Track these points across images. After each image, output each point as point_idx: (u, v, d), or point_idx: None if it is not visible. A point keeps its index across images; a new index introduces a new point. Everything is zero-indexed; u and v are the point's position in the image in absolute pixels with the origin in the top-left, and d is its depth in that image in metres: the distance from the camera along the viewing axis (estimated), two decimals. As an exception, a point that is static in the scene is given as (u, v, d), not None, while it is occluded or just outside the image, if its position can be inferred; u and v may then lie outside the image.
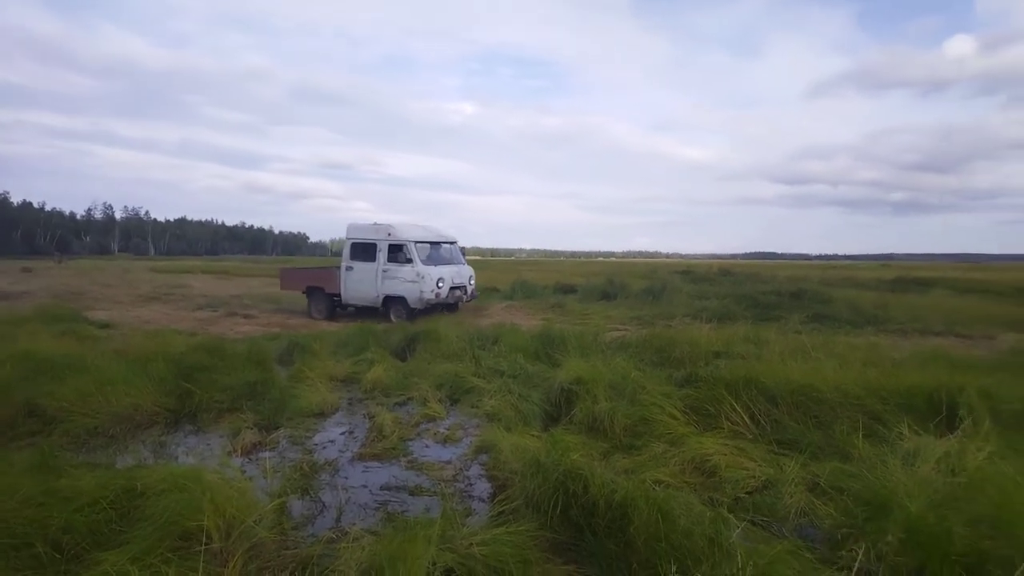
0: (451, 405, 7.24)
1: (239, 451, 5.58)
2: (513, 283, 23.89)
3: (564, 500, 3.74)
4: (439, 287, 14.82)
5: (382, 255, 15.21)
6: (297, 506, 4.45)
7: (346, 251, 15.97)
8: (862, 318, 14.68)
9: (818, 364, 7.09)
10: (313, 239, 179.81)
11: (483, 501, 4.61)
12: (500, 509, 4.10)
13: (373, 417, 6.55)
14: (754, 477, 4.62)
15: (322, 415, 6.83)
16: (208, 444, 5.85)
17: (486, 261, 75.07)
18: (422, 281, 14.64)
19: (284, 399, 6.91)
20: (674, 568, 2.90)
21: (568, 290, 23.14)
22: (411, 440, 6.02)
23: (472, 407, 6.93)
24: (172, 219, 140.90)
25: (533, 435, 5.61)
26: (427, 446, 5.90)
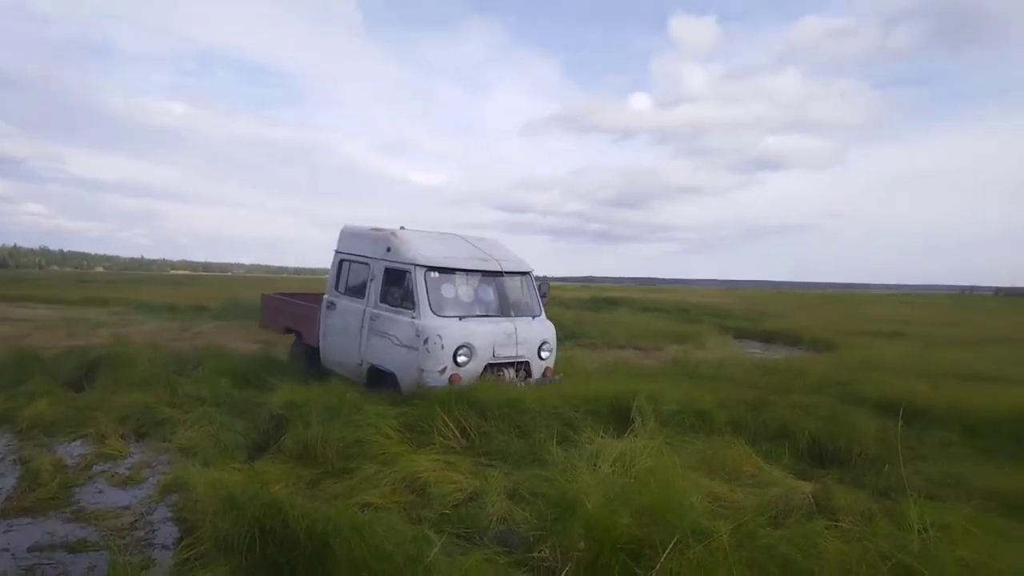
0: (137, 440, 6.32)
1: None
2: (225, 301, 21.92)
3: (261, 537, 3.44)
4: (459, 362, 7.37)
5: (374, 287, 8.17)
6: None
7: (331, 275, 9.04)
8: (563, 333, 16.32)
9: (523, 377, 7.68)
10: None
11: (167, 548, 4.05)
12: (186, 556, 3.65)
13: (27, 462, 5.40)
14: (461, 490, 4.77)
15: (-49, 465, 5.44)
16: None
17: (197, 276, 68.16)
18: (425, 348, 7.23)
19: None
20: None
21: (289, 308, 21.99)
22: (79, 486, 5.09)
23: (164, 441, 6.12)
24: None
25: (235, 468, 5.12)
26: (100, 491, 5.04)
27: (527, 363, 8.04)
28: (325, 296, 9.06)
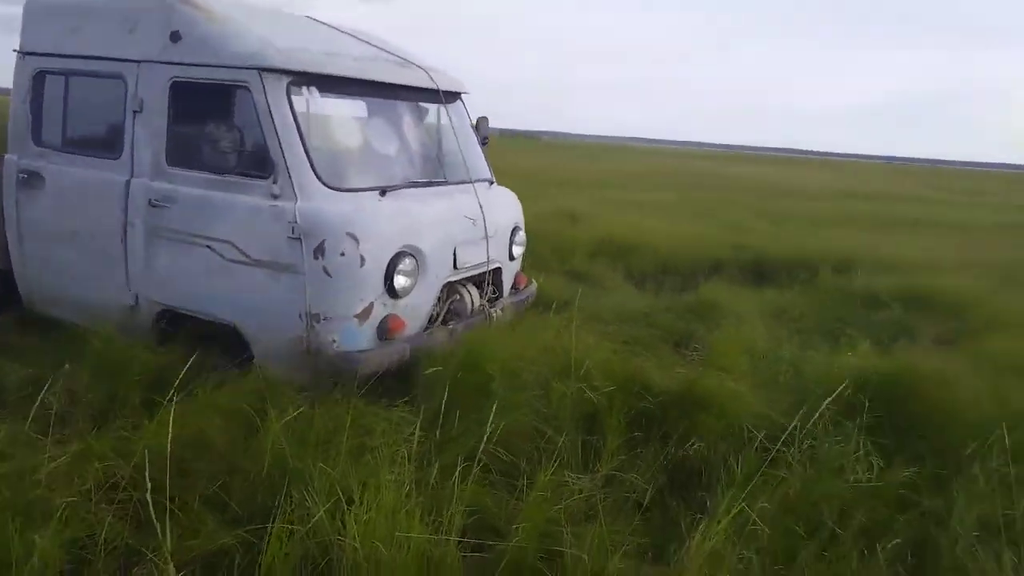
0: None
1: None
2: None
3: None
4: (398, 288, 3.43)
5: (143, 130, 3.45)
6: None
7: (16, 111, 3.76)
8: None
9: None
10: None
11: None
12: None
13: None
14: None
15: None
16: None
17: None
18: (321, 268, 3.17)
19: None
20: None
21: None
22: None
23: None
24: None
25: None
26: None
27: (498, 270, 4.34)
28: (8, 157, 4.06)
